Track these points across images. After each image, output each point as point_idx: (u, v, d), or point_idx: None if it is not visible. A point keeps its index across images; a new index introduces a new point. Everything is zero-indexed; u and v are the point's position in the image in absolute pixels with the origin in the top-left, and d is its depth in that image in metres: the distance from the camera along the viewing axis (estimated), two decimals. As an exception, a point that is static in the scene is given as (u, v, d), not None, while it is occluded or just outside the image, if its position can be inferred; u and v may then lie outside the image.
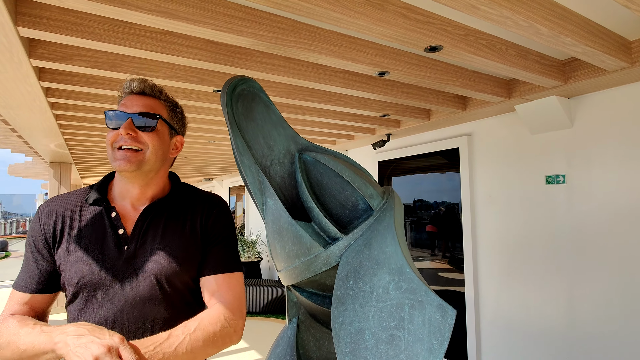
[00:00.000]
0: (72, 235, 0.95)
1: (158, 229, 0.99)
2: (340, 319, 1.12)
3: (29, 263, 0.96)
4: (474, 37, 1.69)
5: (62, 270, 0.94)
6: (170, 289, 0.96)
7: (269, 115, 1.49)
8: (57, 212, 0.98)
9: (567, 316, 2.38)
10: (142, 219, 0.99)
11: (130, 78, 1.01)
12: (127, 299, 0.92)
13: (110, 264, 0.93)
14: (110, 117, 0.97)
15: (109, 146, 0.97)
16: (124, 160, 0.93)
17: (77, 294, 0.93)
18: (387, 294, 1.12)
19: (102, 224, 0.97)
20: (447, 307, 1.01)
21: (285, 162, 1.48)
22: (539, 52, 1.97)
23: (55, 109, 2.52)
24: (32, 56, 1.63)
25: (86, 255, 0.92)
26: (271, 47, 1.57)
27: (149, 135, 0.97)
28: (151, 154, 0.97)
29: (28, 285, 0.94)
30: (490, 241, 2.85)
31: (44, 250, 0.95)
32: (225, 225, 1.08)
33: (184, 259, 0.98)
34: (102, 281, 0.92)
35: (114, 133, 0.96)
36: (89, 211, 0.98)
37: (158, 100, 1.03)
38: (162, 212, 1.02)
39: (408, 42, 1.54)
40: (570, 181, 2.39)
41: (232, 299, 1.01)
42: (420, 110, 2.92)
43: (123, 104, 0.99)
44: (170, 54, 1.64)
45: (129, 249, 0.95)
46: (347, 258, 1.24)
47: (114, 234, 0.96)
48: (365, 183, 1.38)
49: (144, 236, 0.97)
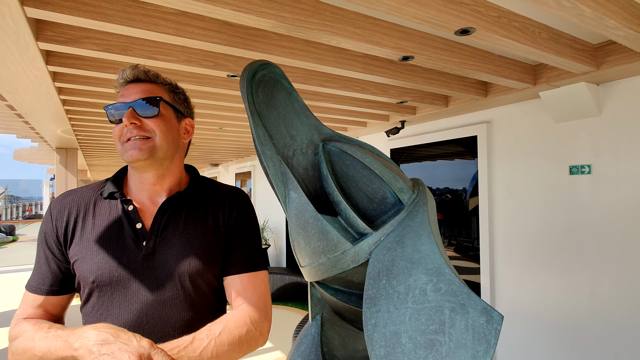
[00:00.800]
0: (86, 231, 0.89)
1: (178, 223, 0.93)
2: (373, 320, 1.06)
3: (41, 262, 0.90)
4: (507, 19, 1.58)
5: (77, 269, 0.88)
6: (193, 289, 0.90)
7: (291, 103, 1.41)
8: (69, 207, 0.92)
9: (590, 309, 2.33)
10: (161, 213, 0.92)
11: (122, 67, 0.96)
12: (147, 300, 0.86)
13: (128, 261, 0.87)
14: (111, 111, 0.92)
15: (117, 141, 0.91)
16: (134, 150, 0.88)
17: (93, 293, 0.87)
18: (424, 296, 1.06)
19: (118, 218, 0.90)
20: (492, 311, 0.94)
21: (308, 152, 1.40)
22: (571, 35, 1.87)
23: (63, 94, 2.44)
24: (39, 39, 1.55)
25: (102, 251, 0.87)
26: (292, 30, 1.48)
27: (154, 120, 0.91)
28: (161, 140, 0.91)
29: (40, 287, 0.89)
30: (509, 231, 2.79)
31: (55, 248, 0.89)
32: (249, 220, 1.02)
33: (208, 256, 0.92)
34: (120, 279, 0.86)
35: (119, 127, 0.91)
36: (104, 205, 0.92)
37: (155, 85, 0.97)
38: (182, 205, 0.95)
39: (439, 24, 1.44)
40: (596, 171, 2.30)
41: (257, 300, 0.96)
42: (439, 96, 2.81)
43: (121, 95, 0.94)
44: (185, 37, 1.55)
45: (147, 245, 0.88)
46: (377, 255, 1.18)
47: (132, 229, 0.89)
48: (395, 176, 1.31)
49: (163, 231, 0.91)
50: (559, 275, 2.48)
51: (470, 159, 3.35)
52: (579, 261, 2.39)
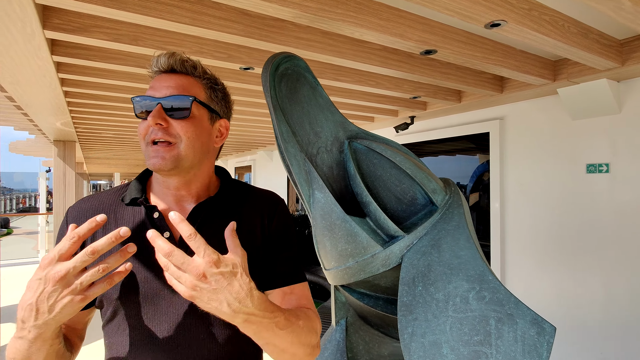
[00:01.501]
0: None
1: (211, 232, 0.83)
2: (409, 329, 1.00)
3: None
4: (538, 12, 1.52)
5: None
6: None
7: (315, 98, 1.34)
8: (88, 214, 0.82)
9: (605, 310, 2.29)
10: (191, 221, 0.83)
11: (158, 53, 0.83)
12: (178, 316, 0.78)
13: (156, 275, 0.78)
14: (138, 104, 0.80)
15: (141, 140, 0.80)
16: (157, 159, 0.77)
17: (117, 312, 0.78)
18: (466, 304, 1.00)
19: (142, 227, 0.81)
20: (544, 322, 0.89)
21: (333, 150, 1.33)
22: (599, 30, 1.80)
23: (65, 86, 2.35)
24: (46, 27, 1.46)
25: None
26: (315, 20, 1.40)
27: (183, 124, 0.79)
28: (187, 148, 0.79)
29: None
30: (521, 230, 2.74)
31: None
32: (289, 228, 0.96)
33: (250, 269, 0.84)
34: (148, 296, 0.77)
35: (144, 124, 0.79)
36: (126, 213, 0.83)
37: (192, 78, 0.83)
38: (214, 212, 0.86)
39: (471, 16, 1.37)
40: (614, 170, 2.26)
41: (313, 308, 0.93)
42: (452, 92, 2.75)
43: (151, 86, 0.82)
44: (200, 26, 1.47)
45: None
46: (410, 260, 1.12)
47: None
48: (427, 176, 1.24)
49: None
50: (573, 275, 2.45)
51: (473, 155, 3.30)
52: (594, 261, 2.35)
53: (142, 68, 1.96)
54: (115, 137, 4.82)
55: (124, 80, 2.20)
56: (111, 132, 4.34)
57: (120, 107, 2.99)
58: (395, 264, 1.16)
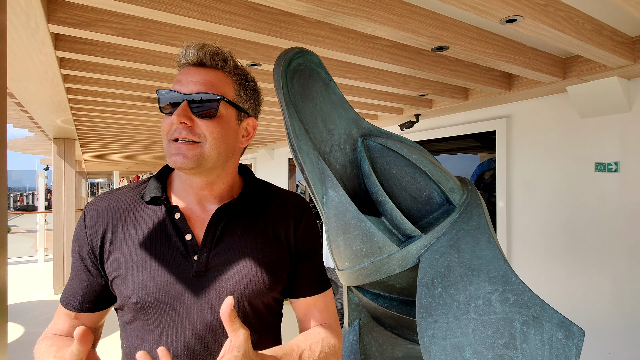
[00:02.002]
0: (127, 243, 0.76)
1: (235, 235, 0.79)
2: (429, 331, 0.97)
3: (73, 275, 0.79)
4: (554, 7, 1.49)
5: (116, 287, 0.75)
6: (252, 311, 0.78)
7: (328, 94, 1.31)
8: (106, 214, 0.78)
9: (614, 310, 2.28)
10: (215, 222, 0.78)
11: (187, 43, 0.77)
12: (200, 325, 0.74)
13: (177, 279, 0.74)
14: (163, 99, 0.75)
15: (164, 136, 0.75)
16: (179, 156, 0.72)
17: (136, 317, 0.74)
18: (489, 306, 0.97)
19: (163, 228, 0.76)
20: (571, 325, 0.86)
21: (346, 148, 1.30)
22: (612, 27, 1.78)
23: (67, 82, 2.31)
24: (50, 20, 1.42)
25: (146, 267, 0.74)
26: (328, 15, 1.37)
27: (209, 124, 0.74)
28: (211, 149, 0.75)
29: (70, 302, 0.78)
30: (528, 230, 2.72)
31: (89, 261, 0.77)
32: (316, 235, 0.91)
33: (270, 274, 0.80)
34: (168, 301, 0.73)
35: (168, 120, 0.74)
36: (146, 212, 0.78)
37: (222, 73, 0.77)
38: (238, 214, 0.82)
39: (486, 11, 1.35)
40: (624, 169, 2.23)
41: (334, 324, 0.88)
42: (459, 89, 2.72)
43: (178, 80, 0.76)
44: (209, 21, 1.43)
45: (199, 260, 0.75)
46: (428, 260, 1.09)
47: (180, 241, 0.76)
48: (444, 175, 1.21)
49: (217, 244, 0.77)
50: (582, 275, 2.43)
51: (474, 154, 3.28)
52: (603, 261, 2.33)
53: (147, 64, 1.92)
54: (116, 135, 4.77)
55: (128, 77, 2.17)
56: (112, 130, 4.30)
57: (123, 104, 2.95)
58: (412, 265, 1.13)
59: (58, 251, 4.87)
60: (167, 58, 1.96)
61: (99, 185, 42.80)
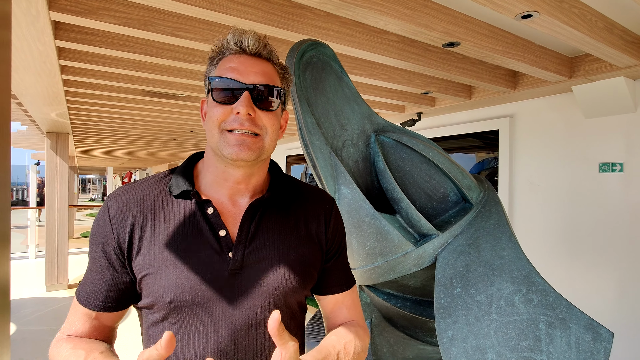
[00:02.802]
0: (158, 239, 0.71)
1: (269, 232, 0.76)
2: (449, 333, 0.94)
3: (94, 272, 0.73)
4: (568, 4, 1.47)
5: (145, 285, 0.71)
6: (286, 309, 0.76)
7: (341, 88, 1.27)
8: (133, 207, 0.73)
9: (616, 310, 2.28)
10: (249, 218, 0.75)
11: (237, 30, 0.72)
12: (236, 324, 0.70)
13: (213, 277, 0.71)
14: (219, 86, 0.70)
15: (214, 127, 0.71)
16: (242, 147, 0.69)
17: (169, 316, 0.71)
18: (512, 307, 0.94)
19: (195, 223, 0.73)
20: (599, 327, 0.84)
21: (359, 144, 1.26)
22: (623, 26, 1.77)
23: (65, 74, 2.24)
24: (52, 8, 1.37)
25: (180, 264, 0.70)
26: (341, 7, 1.34)
27: (270, 115, 0.72)
28: (270, 140, 0.73)
29: (91, 301, 0.73)
30: (531, 229, 2.71)
31: (114, 257, 0.72)
32: (343, 231, 0.89)
33: (304, 272, 0.77)
34: (204, 299, 0.70)
35: (223, 110, 0.70)
36: (175, 206, 0.74)
37: (273, 67, 0.75)
38: (270, 209, 0.78)
39: (502, 6, 1.32)
40: (629, 170, 2.23)
41: (361, 320, 0.86)
42: (464, 87, 2.70)
43: (234, 68, 0.71)
44: (217, 11, 1.39)
45: (235, 257, 0.72)
46: (446, 260, 1.06)
47: (214, 237, 0.72)
48: (461, 172, 1.18)
49: (252, 240, 0.74)
50: (584, 275, 2.43)
51: (471, 153, 3.27)
52: (605, 261, 2.33)
53: (149, 56, 1.87)
54: (111, 130, 4.69)
55: (128, 69, 2.11)
56: (107, 124, 4.22)
57: (120, 97, 2.89)
58: (428, 264, 1.10)
59: (50, 247, 4.78)
60: (169, 50, 1.91)
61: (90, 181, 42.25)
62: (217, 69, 0.73)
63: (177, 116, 3.67)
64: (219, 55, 0.73)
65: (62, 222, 4.83)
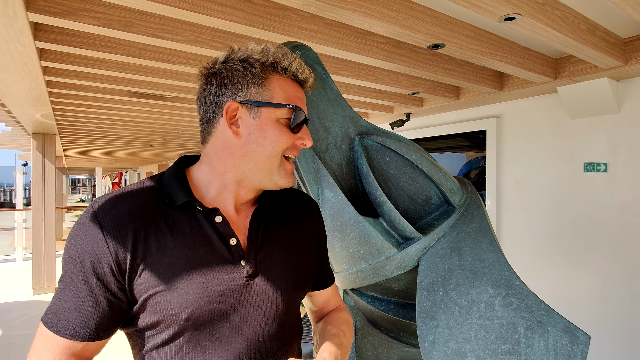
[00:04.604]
0: (165, 253, 0.66)
1: (275, 237, 0.77)
2: (430, 337, 0.94)
3: (82, 299, 0.64)
4: (551, 6, 1.48)
5: (153, 305, 0.65)
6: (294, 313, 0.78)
7: (324, 91, 1.26)
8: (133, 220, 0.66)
9: (600, 308, 2.31)
10: (256, 225, 0.74)
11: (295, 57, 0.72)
12: (254, 332, 0.70)
13: (228, 287, 0.68)
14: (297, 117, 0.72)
15: (277, 153, 0.70)
16: (292, 177, 0.75)
17: (183, 334, 0.67)
18: (492, 311, 0.94)
19: (202, 233, 0.69)
20: (577, 330, 0.84)
21: (343, 146, 1.25)
22: (605, 27, 1.78)
23: (48, 75, 2.21)
24: (29, 9, 1.35)
25: (194, 279, 0.66)
26: (325, 9, 1.33)
27: None
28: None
29: (80, 331, 0.63)
30: (517, 228, 2.74)
31: (110, 278, 0.64)
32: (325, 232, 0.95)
33: (308, 274, 0.81)
34: (222, 312, 0.67)
35: (291, 138, 0.71)
36: (178, 217, 0.69)
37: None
38: (273, 215, 0.79)
39: (485, 8, 1.32)
40: (612, 170, 2.26)
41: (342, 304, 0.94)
42: (451, 88, 2.72)
43: (300, 99, 0.73)
44: (200, 13, 1.37)
45: (248, 265, 0.71)
46: (428, 263, 1.05)
47: (225, 246, 0.70)
48: (444, 175, 1.18)
49: (262, 247, 0.74)
50: (569, 273, 2.45)
51: (461, 153, 3.29)
52: (590, 260, 2.35)
53: (132, 57, 1.85)
54: (98, 131, 4.63)
55: (113, 70, 2.08)
56: (94, 125, 4.16)
57: (106, 99, 2.85)
58: (410, 267, 1.10)
59: (37, 250, 4.71)
60: (153, 51, 1.89)
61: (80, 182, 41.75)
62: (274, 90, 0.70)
63: (165, 117, 3.64)
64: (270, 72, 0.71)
65: (49, 224, 4.76)
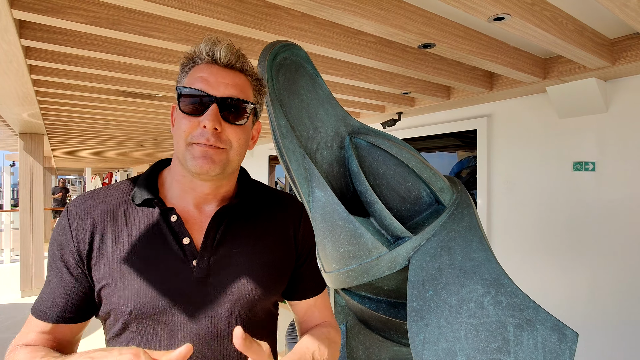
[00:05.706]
0: (119, 247, 0.69)
1: (236, 238, 0.74)
2: (421, 336, 0.94)
3: (53, 283, 0.70)
4: (539, 7, 1.49)
5: (106, 295, 0.69)
6: (253, 317, 0.74)
7: (315, 90, 1.26)
8: (94, 215, 0.71)
9: (589, 305, 2.33)
10: (215, 225, 0.73)
11: (211, 39, 0.69)
12: (199, 334, 0.69)
13: (176, 287, 0.69)
14: (187, 97, 0.68)
15: (181, 139, 0.69)
16: (205, 160, 0.67)
17: (129, 326, 0.69)
18: (482, 310, 0.95)
19: (158, 231, 0.71)
20: (565, 328, 0.85)
21: (333, 146, 1.25)
22: (593, 28, 1.80)
23: (34, 74, 2.17)
24: (14, 6, 1.32)
25: (141, 274, 0.68)
26: (315, 8, 1.32)
27: (237, 130, 0.70)
28: (235, 154, 0.72)
29: (49, 313, 0.69)
30: (507, 227, 2.76)
31: (74, 266, 0.69)
32: (313, 235, 0.88)
33: (273, 278, 0.76)
34: (165, 309, 0.68)
35: (190, 122, 0.68)
36: (138, 214, 0.72)
37: (245, 78, 0.73)
38: (238, 216, 0.77)
39: (475, 8, 1.33)
40: (600, 169, 2.29)
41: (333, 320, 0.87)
42: (442, 88, 2.73)
43: (204, 78, 0.68)
44: (188, 11, 1.36)
45: (199, 266, 0.70)
46: (419, 262, 1.05)
47: (178, 245, 0.70)
48: (434, 174, 1.18)
49: (218, 247, 0.72)
50: (558, 271, 2.48)
51: (452, 152, 3.31)
52: (579, 258, 2.38)
53: (120, 56, 1.82)
54: (87, 131, 4.57)
55: (100, 69, 2.05)
56: (83, 125, 4.11)
57: (95, 98, 2.81)
58: (401, 267, 1.10)
59: (25, 252, 4.64)
60: (142, 50, 1.86)
61: (70, 182, 41.24)
62: (187, 78, 0.71)
63: (155, 116, 3.60)
64: (191, 63, 0.71)
65: (37, 225, 4.68)
